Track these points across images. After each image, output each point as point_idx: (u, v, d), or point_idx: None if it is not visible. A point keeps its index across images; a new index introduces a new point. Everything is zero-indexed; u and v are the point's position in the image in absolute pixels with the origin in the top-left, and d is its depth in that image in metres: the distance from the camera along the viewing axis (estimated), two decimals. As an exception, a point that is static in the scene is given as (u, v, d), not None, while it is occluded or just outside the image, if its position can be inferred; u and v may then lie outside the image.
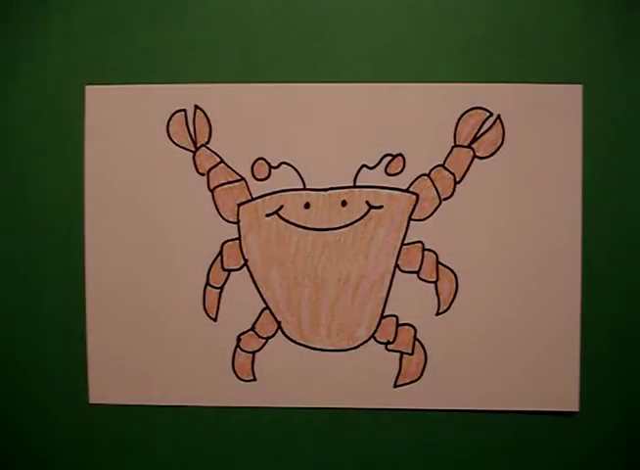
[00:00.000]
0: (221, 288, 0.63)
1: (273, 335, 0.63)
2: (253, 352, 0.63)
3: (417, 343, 0.63)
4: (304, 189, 0.62)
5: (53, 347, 0.64)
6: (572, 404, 0.62)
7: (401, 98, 0.61)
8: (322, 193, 0.62)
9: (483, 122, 0.62)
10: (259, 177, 0.62)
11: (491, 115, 0.61)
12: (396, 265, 0.62)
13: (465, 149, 0.62)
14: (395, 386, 0.63)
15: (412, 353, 0.63)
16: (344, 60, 0.62)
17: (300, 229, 0.62)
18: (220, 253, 0.63)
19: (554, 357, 0.62)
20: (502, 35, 0.62)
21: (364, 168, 0.62)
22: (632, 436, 0.63)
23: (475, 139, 0.62)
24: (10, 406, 0.65)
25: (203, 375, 0.63)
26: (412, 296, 0.62)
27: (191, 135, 0.62)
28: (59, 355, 0.64)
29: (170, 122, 0.62)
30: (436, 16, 0.62)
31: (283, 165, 0.62)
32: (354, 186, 0.62)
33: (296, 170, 0.62)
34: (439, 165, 0.62)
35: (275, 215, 0.62)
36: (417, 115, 0.61)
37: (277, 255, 0.62)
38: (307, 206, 0.62)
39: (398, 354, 0.63)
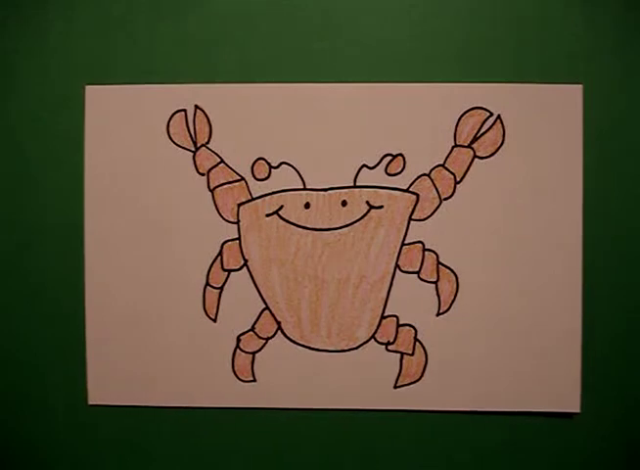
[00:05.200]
0: (221, 288, 0.63)
1: (273, 335, 0.63)
2: (253, 353, 0.63)
3: (417, 343, 0.62)
4: (304, 189, 0.62)
5: (52, 347, 0.64)
6: (574, 405, 0.62)
7: (401, 98, 0.61)
8: (322, 193, 0.62)
9: (483, 122, 0.61)
10: (259, 177, 0.62)
11: (491, 115, 0.61)
12: (397, 266, 0.62)
13: (465, 149, 0.62)
14: (396, 387, 0.63)
15: (412, 354, 0.62)
16: (345, 60, 0.62)
17: (300, 229, 0.62)
18: (220, 253, 0.63)
19: (555, 358, 0.61)
20: (502, 35, 0.62)
21: (364, 168, 0.62)
22: (634, 437, 0.63)
23: (475, 139, 0.62)
24: (9, 407, 0.65)
25: (202, 376, 0.63)
26: (412, 296, 0.62)
27: (191, 135, 0.62)
28: (58, 356, 0.64)
29: (170, 122, 0.62)
30: (437, 16, 0.62)
31: (283, 165, 0.62)
32: (354, 186, 0.62)
33: (296, 170, 0.62)
34: (440, 165, 0.62)
35: (275, 215, 0.62)
36: (417, 115, 0.61)
37: (277, 255, 0.62)
38: (307, 206, 0.62)
39: (399, 355, 0.63)
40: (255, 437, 0.64)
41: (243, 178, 0.62)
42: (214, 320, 0.63)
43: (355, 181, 0.62)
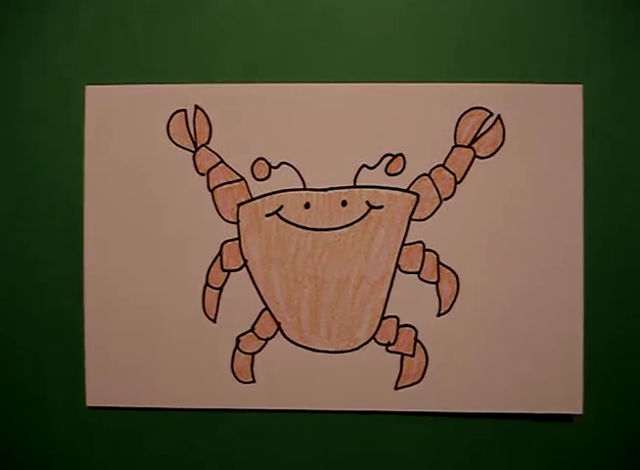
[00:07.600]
0: (221, 288, 0.62)
1: (273, 336, 0.63)
2: (253, 354, 0.63)
3: (418, 344, 0.62)
4: (304, 189, 0.62)
5: (51, 348, 0.64)
6: (576, 407, 0.61)
7: (401, 98, 0.61)
8: (322, 193, 0.62)
9: (484, 122, 0.61)
10: (259, 177, 0.62)
11: (491, 115, 0.61)
12: (397, 266, 0.62)
13: (465, 149, 0.62)
14: (396, 388, 0.62)
15: (413, 355, 0.62)
16: (344, 60, 0.62)
17: (300, 229, 0.62)
18: (220, 253, 0.62)
19: (557, 359, 0.61)
20: (502, 35, 0.62)
21: (364, 168, 0.62)
22: (634, 438, 0.63)
23: (475, 139, 0.62)
24: (7, 408, 0.65)
25: (201, 377, 0.63)
26: (413, 296, 0.62)
27: (191, 135, 0.62)
28: (57, 357, 0.64)
29: (170, 122, 0.62)
30: (436, 15, 0.62)
31: (283, 165, 0.62)
32: (354, 186, 0.62)
33: (296, 170, 0.62)
34: (440, 165, 0.62)
35: (275, 215, 0.62)
36: (417, 115, 0.61)
37: (277, 255, 0.62)
38: (307, 206, 0.62)
39: (399, 356, 0.62)
40: (255, 438, 0.64)
41: (243, 178, 0.62)
42: (214, 321, 0.63)
43: (355, 181, 0.62)
